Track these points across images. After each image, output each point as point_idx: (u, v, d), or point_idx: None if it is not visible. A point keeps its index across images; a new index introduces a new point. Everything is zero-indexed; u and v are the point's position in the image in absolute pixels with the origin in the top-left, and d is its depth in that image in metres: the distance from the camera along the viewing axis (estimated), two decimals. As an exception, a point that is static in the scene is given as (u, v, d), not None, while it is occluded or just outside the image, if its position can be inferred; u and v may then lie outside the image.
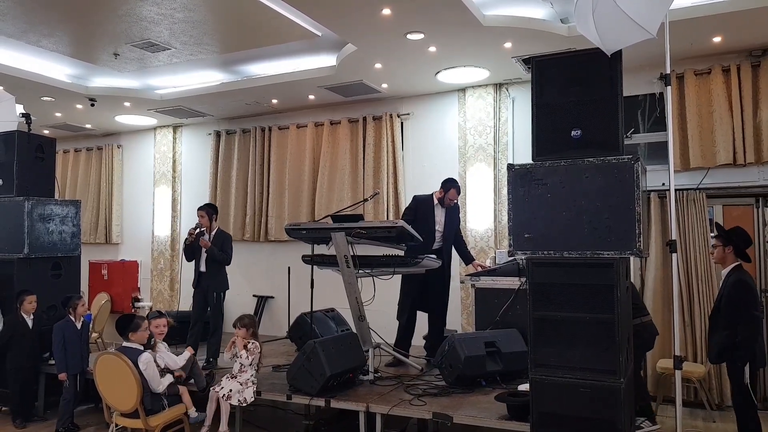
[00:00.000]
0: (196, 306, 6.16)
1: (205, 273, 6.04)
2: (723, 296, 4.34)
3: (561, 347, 3.63)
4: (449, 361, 4.83)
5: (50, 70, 7.13)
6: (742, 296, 4.22)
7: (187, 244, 6.08)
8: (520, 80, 6.94)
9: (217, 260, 6.02)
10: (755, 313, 4.22)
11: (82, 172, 10.31)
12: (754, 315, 4.21)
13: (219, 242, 6.06)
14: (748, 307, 4.22)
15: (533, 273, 3.76)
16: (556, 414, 3.63)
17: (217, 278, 6.06)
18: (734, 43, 5.74)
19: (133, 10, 5.45)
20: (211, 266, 6.02)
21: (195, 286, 6.14)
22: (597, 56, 3.60)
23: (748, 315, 4.20)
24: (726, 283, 4.37)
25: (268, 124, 8.61)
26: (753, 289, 4.32)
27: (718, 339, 4.31)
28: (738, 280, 4.27)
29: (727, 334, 4.25)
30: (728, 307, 4.26)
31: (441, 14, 5.07)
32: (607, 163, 3.54)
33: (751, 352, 4.20)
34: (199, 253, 6.05)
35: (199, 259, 6.09)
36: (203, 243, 5.95)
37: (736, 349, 4.21)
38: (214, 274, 6.03)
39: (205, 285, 6.04)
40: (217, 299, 6.06)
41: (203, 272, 6.05)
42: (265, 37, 6.16)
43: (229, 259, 6.14)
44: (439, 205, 5.90)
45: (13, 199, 5.99)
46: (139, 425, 4.54)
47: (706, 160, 6.06)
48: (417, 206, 5.93)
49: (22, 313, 5.57)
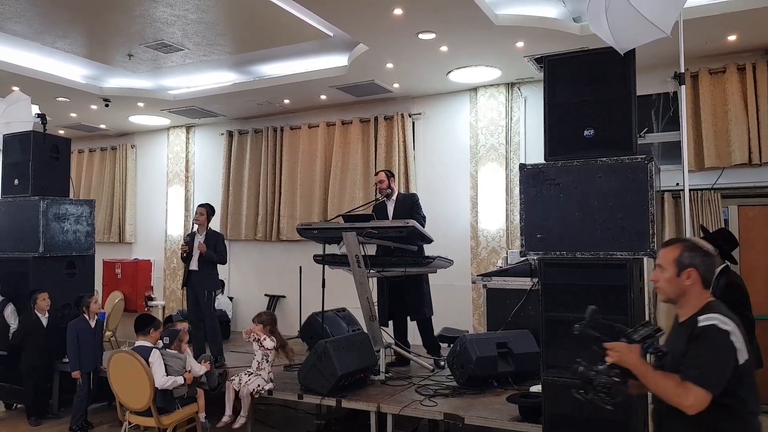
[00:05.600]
0: (190, 306, 6.07)
1: (197, 272, 5.91)
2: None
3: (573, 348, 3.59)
4: (461, 362, 4.81)
5: (65, 71, 7.20)
6: (735, 298, 4.18)
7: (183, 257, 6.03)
8: (532, 79, 6.90)
9: (214, 262, 5.98)
10: (748, 314, 4.22)
11: (97, 172, 10.41)
12: (747, 317, 4.19)
13: (212, 242, 6.00)
14: (742, 309, 4.20)
15: (545, 273, 3.74)
16: (568, 416, 3.61)
17: (208, 277, 5.94)
18: (749, 41, 5.67)
19: (147, 12, 5.49)
20: (202, 265, 5.93)
21: (184, 285, 6.07)
22: (610, 55, 3.58)
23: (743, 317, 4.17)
24: (717, 286, 4.33)
25: (280, 124, 8.63)
26: (745, 291, 4.35)
27: None
28: (729, 283, 4.28)
29: None
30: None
31: (453, 14, 5.06)
32: (621, 163, 3.52)
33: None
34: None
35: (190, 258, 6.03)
36: (201, 248, 5.86)
37: None
38: (205, 273, 5.91)
39: (196, 284, 5.93)
40: (208, 298, 5.96)
41: (194, 271, 5.93)
42: (277, 38, 6.18)
43: (224, 259, 6.09)
44: (386, 199, 5.90)
45: (29, 198, 6.05)
46: (151, 423, 4.57)
47: (721, 160, 5.99)
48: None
49: (36, 311, 5.63)
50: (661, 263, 2.34)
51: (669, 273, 2.30)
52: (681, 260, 2.28)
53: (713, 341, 2.10)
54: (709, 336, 2.11)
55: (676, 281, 2.28)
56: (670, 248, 2.33)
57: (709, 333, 2.11)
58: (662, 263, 2.33)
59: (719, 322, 2.12)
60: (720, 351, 2.09)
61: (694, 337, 2.14)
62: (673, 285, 2.30)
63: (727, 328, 2.10)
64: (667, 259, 2.31)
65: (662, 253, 2.34)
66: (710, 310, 2.22)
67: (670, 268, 2.30)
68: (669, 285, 2.30)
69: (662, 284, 2.32)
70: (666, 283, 2.31)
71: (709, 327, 2.12)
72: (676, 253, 2.30)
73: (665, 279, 2.31)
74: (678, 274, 2.27)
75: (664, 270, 2.31)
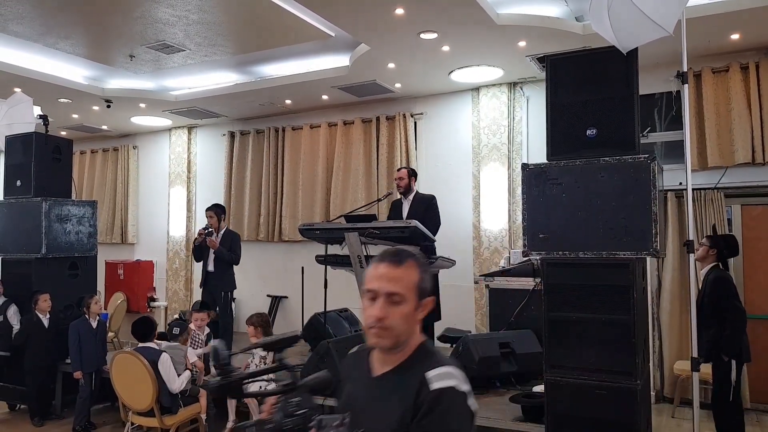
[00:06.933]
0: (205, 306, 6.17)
1: (213, 273, 6.04)
2: (705, 294, 4.47)
3: (576, 348, 3.60)
4: (463, 362, 4.80)
5: (67, 72, 7.21)
6: (724, 291, 4.38)
7: (196, 245, 6.11)
8: (534, 79, 6.89)
9: (226, 260, 6.02)
10: (739, 305, 4.40)
11: (99, 173, 10.42)
12: (739, 308, 4.38)
13: (227, 242, 6.06)
14: (732, 300, 4.37)
15: (548, 273, 3.74)
16: (571, 416, 3.60)
17: (224, 278, 6.05)
18: (753, 40, 5.65)
19: (148, 13, 5.49)
20: (218, 266, 6.01)
21: (203, 285, 6.15)
22: (612, 54, 3.57)
23: (733, 307, 4.35)
24: (706, 281, 4.52)
25: (282, 125, 8.63)
26: (733, 284, 4.51)
27: (707, 336, 4.37)
28: (717, 277, 4.46)
29: (714, 331, 4.34)
30: (712, 304, 4.38)
31: (454, 13, 5.05)
32: (623, 163, 3.51)
33: (739, 345, 4.30)
34: (208, 253, 6.07)
35: (207, 259, 6.10)
36: (211, 243, 5.93)
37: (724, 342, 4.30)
38: (222, 273, 6.02)
39: (213, 285, 6.03)
40: (225, 299, 6.04)
41: (211, 272, 6.06)
42: (279, 38, 6.18)
43: (237, 259, 6.14)
44: (402, 197, 5.91)
45: (31, 199, 6.06)
46: (154, 424, 4.57)
47: (724, 159, 5.97)
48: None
49: (37, 312, 5.64)
50: (395, 290, 1.50)
51: (409, 305, 1.51)
52: (423, 285, 1.55)
53: (455, 412, 1.46)
54: (450, 405, 1.45)
55: (414, 317, 1.53)
56: (405, 267, 1.53)
57: (449, 400, 1.45)
58: (398, 289, 1.50)
59: (457, 382, 1.47)
60: (465, 426, 1.48)
61: (427, 406, 1.43)
62: (411, 323, 1.53)
63: (465, 388, 1.49)
64: (406, 283, 1.51)
65: (394, 273, 1.51)
66: (433, 358, 1.53)
67: (411, 297, 1.51)
68: (406, 323, 1.51)
69: (396, 322, 1.49)
70: (403, 321, 1.50)
71: (447, 391, 1.45)
72: (416, 274, 1.54)
73: (402, 315, 1.50)
74: (417, 306, 1.53)
75: (403, 300, 1.50)
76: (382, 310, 1.48)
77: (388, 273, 1.51)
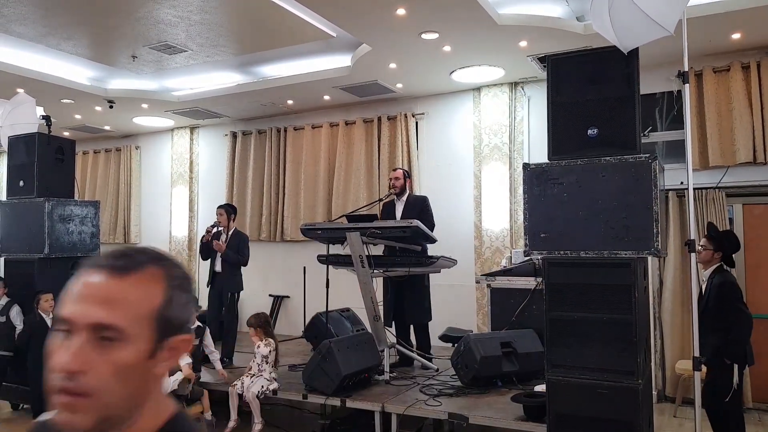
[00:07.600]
0: (211, 306, 6.18)
1: (221, 273, 6.05)
2: (709, 298, 4.36)
3: (578, 348, 3.60)
4: (465, 362, 4.82)
5: (70, 72, 7.23)
6: (730, 295, 4.26)
7: (203, 242, 6.11)
8: (535, 79, 6.89)
9: (236, 263, 6.03)
10: (745, 309, 4.28)
11: (101, 173, 10.44)
12: (745, 312, 4.26)
13: (235, 243, 6.07)
14: (738, 305, 4.26)
15: (549, 273, 3.74)
16: (572, 415, 3.61)
17: (232, 279, 6.05)
18: (754, 39, 5.65)
19: (150, 13, 5.51)
20: (226, 266, 6.03)
21: (209, 285, 6.16)
22: (613, 54, 3.57)
23: (739, 312, 4.24)
24: (711, 284, 4.40)
25: (284, 125, 8.65)
26: (739, 288, 4.38)
27: (711, 340, 4.28)
28: (723, 281, 4.31)
29: (720, 335, 4.25)
30: (717, 307, 4.28)
31: (455, 13, 5.06)
32: (625, 162, 3.51)
33: (743, 350, 4.22)
34: (215, 252, 6.08)
35: (214, 259, 6.11)
36: (218, 247, 5.91)
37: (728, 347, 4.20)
38: (230, 274, 6.03)
39: (220, 285, 6.04)
40: (231, 300, 6.04)
41: (218, 272, 6.07)
42: (281, 38, 6.19)
43: (245, 261, 6.14)
44: (396, 197, 5.91)
45: (34, 200, 6.07)
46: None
47: (726, 159, 5.97)
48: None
49: (39, 312, 5.65)
50: (108, 320, 0.84)
51: (134, 349, 0.85)
52: (170, 314, 0.90)
53: None
54: None
55: (145, 372, 0.87)
56: (136, 280, 0.87)
57: None
58: (112, 319, 0.84)
59: None
60: None
61: None
62: (138, 383, 0.87)
63: None
64: (133, 309, 0.86)
65: (110, 289, 0.85)
66: None
67: (140, 335, 0.86)
68: (127, 385, 0.84)
69: (106, 382, 0.82)
70: (120, 379, 0.84)
71: None
72: (156, 292, 0.89)
73: (119, 368, 0.83)
74: (153, 351, 0.87)
75: (123, 338, 0.84)
76: (79, 357, 0.82)
77: (99, 289, 0.85)
